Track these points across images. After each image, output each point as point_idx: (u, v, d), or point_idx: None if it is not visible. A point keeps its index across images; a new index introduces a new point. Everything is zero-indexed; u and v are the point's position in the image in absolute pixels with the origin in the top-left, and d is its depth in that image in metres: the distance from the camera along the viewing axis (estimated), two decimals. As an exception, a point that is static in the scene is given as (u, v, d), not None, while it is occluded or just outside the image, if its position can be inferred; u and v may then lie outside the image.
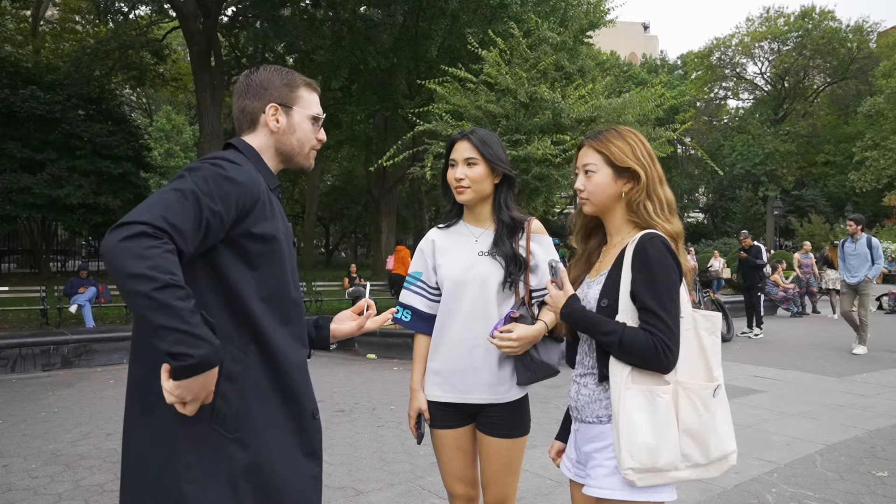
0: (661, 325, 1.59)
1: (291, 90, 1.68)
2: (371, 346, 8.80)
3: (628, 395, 1.60)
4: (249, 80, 1.68)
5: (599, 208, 1.81)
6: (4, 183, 15.20)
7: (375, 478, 4.04)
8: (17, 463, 4.35)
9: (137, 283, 1.20)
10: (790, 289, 14.33)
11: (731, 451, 1.69)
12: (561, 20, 14.70)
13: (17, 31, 22.37)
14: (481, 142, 2.15)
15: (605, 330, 1.64)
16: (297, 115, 1.68)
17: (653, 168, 1.77)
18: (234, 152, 1.59)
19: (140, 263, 1.21)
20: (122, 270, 1.22)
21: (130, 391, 1.48)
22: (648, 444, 1.57)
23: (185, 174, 1.40)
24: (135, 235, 1.23)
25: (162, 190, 1.36)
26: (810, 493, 3.78)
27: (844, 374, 7.53)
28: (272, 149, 1.66)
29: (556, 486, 3.86)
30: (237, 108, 1.68)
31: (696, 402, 1.62)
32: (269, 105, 1.64)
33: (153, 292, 1.20)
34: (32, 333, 9.00)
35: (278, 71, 1.70)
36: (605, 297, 1.71)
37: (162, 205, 1.30)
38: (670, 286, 1.63)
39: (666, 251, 1.65)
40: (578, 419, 1.80)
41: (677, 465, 1.60)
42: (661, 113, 10.58)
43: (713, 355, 1.69)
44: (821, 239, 24.41)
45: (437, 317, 2.20)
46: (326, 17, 16.39)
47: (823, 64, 36.24)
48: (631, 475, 1.58)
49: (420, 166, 9.85)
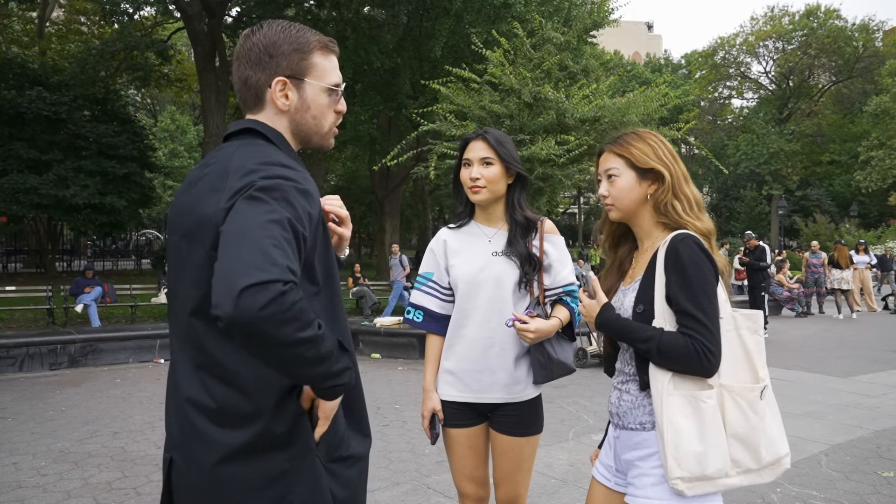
0: (700, 327, 1.53)
1: (303, 56, 1.37)
2: (375, 345, 8.83)
3: (671, 401, 1.54)
4: (251, 42, 1.37)
5: (626, 213, 1.75)
6: (11, 183, 15.26)
7: (381, 476, 4.06)
8: (26, 461, 4.38)
9: (291, 351, 1.10)
10: (795, 289, 14.29)
11: (785, 455, 1.62)
12: (565, 20, 14.68)
13: (24, 32, 22.46)
14: (497, 142, 2.15)
15: (643, 337, 1.59)
16: (310, 89, 1.38)
17: (676, 167, 1.72)
18: (269, 147, 1.33)
19: (288, 329, 1.07)
20: (274, 341, 1.08)
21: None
22: (696, 452, 1.51)
23: (265, 198, 1.17)
24: (273, 300, 1.05)
25: (260, 223, 1.13)
26: (815, 493, 3.78)
27: (849, 374, 7.52)
28: (287, 131, 1.40)
29: (561, 484, 3.88)
30: (238, 79, 1.39)
31: (743, 405, 1.56)
32: (275, 80, 1.35)
33: (308, 354, 1.12)
34: (39, 333, 9.05)
35: (286, 30, 1.37)
36: (641, 302, 1.66)
37: (273, 245, 1.10)
38: (706, 286, 1.56)
39: (699, 250, 1.59)
40: (620, 426, 1.73)
41: (727, 471, 1.54)
42: (664, 113, 10.60)
43: (757, 355, 1.62)
44: (826, 239, 24.31)
45: (452, 317, 2.20)
46: (330, 18, 16.40)
47: (828, 63, 36.17)
48: (680, 485, 1.52)
49: (424, 166, 9.88)
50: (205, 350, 1.27)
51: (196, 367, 1.28)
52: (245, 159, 1.27)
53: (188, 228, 1.29)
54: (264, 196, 1.17)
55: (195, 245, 1.27)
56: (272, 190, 1.18)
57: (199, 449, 1.26)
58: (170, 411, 1.36)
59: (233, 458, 1.24)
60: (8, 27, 21.14)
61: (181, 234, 1.31)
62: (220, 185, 1.24)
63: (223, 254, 1.11)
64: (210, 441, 1.24)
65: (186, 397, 1.28)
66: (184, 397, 1.29)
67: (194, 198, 1.30)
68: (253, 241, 1.10)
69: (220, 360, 1.26)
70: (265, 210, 1.15)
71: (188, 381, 1.29)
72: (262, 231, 1.11)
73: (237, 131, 1.38)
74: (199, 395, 1.26)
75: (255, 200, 1.16)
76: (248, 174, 1.22)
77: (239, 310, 1.04)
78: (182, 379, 1.30)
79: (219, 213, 1.21)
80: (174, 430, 1.33)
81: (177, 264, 1.34)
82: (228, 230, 1.14)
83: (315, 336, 1.12)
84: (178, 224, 1.34)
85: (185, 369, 1.30)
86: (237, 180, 1.22)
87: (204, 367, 1.27)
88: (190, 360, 1.29)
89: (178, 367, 1.33)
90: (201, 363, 1.28)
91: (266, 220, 1.13)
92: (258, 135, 1.36)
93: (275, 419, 1.25)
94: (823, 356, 8.82)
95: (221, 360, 1.25)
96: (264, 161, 1.25)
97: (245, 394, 1.24)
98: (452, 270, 2.21)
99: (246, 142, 1.34)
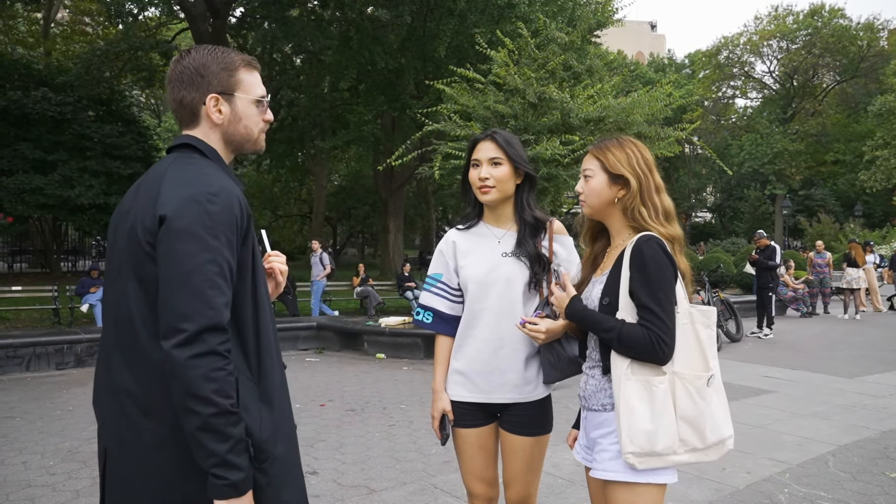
0: (656, 320, 1.70)
1: (230, 74, 1.51)
2: (380, 346, 8.84)
3: (628, 385, 1.72)
4: (182, 66, 1.51)
5: (596, 211, 1.93)
6: (17, 184, 15.31)
7: (388, 476, 4.07)
8: (35, 460, 4.40)
9: (198, 404, 1.25)
10: (800, 289, 14.26)
11: (728, 436, 1.78)
12: (569, 20, 14.68)
13: (29, 33, 22.53)
14: (506, 142, 2.16)
15: (605, 327, 1.76)
16: (240, 102, 1.52)
17: (649, 177, 1.87)
18: (202, 161, 1.47)
19: (206, 386, 1.25)
20: (187, 389, 1.25)
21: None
22: (647, 431, 1.69)
23: (199, 231, 1.31)
24: (203, 354, 1.26)
25: (198, 262, 1.30)
26: (823, 494, 3.78)
27: (856, 374, 7.50)
28: (221, 142, 1.54)
29: (568, 484, 3.88)
30: (174, 100, 1.52)
31: (692, 391, 1.73)
32: (209, 96, 1.49)
33: (211, 418, 1.25)
34: (46, 332, 9.08)
35: (212, 52, 1.52)
36: (607, 295, 1.82)
37: (208, 284, 1.28)
38: (665, 284, 1.74)
39: (661, 251, 1.76)
40: (586, 407, 1.92)
41: (675, 449, 1.71)
42: (669, 112, 10.57)
43: (709, 347, 1.79)
44: (830, 239, 24.25)
45: (462, 318, 2.21)
46: (334, 18, 16.43)
47: (833, 62, 36.03)
48: (631, 459, 1.70)
49: (428, 167, 9.89)
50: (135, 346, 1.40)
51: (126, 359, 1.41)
52: (179, 173, 1.41)
53: (129, 226, 1.41)
54: (199, 230, 1.31)
55: (133, 237, 1.39)
56: (202, 218, 1.32)
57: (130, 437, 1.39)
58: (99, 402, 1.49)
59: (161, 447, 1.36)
60: (13, 28, 21.22)
61: (127, 229, 1.42)
62: (155, 191, 1.39)
63: (165, 291, 1.30)
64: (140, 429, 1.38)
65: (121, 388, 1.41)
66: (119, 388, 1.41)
67: (136, 202, 1.45)
68: (189, 276, 1.28)
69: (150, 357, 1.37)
70: (199, 247, 1.30)
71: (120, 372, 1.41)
72: (198, 269, 1.29)
73: (177, 145, 1.52)
74: (129, 385, 1.39)
75: (192, 237, 1.30)
76: (182, 197, 1.35)
77: (173, 353, 1.26)
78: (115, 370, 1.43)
79: (149, 219, 1.36)
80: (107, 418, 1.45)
81: (116, 262, 1.46)
82: (168, 270, 1.30)
83: (220, 405, 1.25)
84: (122, 222, 1.47)
85: (119, 363, 1.41)
86: (170, 193, 1.36)
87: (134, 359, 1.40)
88: (122, 355, 1.41)
89: (112, 362, 1.43)
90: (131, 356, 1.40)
91: (205, 260, 1.30)
92: (193, 149, 1.50)
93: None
94: (829, 356, 8.80)
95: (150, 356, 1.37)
96: (202, 188, 1.36)
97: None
98: (462, 271, 2.21)
99: (183, 155, 1.49)
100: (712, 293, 10.45)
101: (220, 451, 1.26)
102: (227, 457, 1.26)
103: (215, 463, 1.26)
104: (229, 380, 1.28)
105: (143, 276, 1.36)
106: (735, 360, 8.41)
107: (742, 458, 4.35)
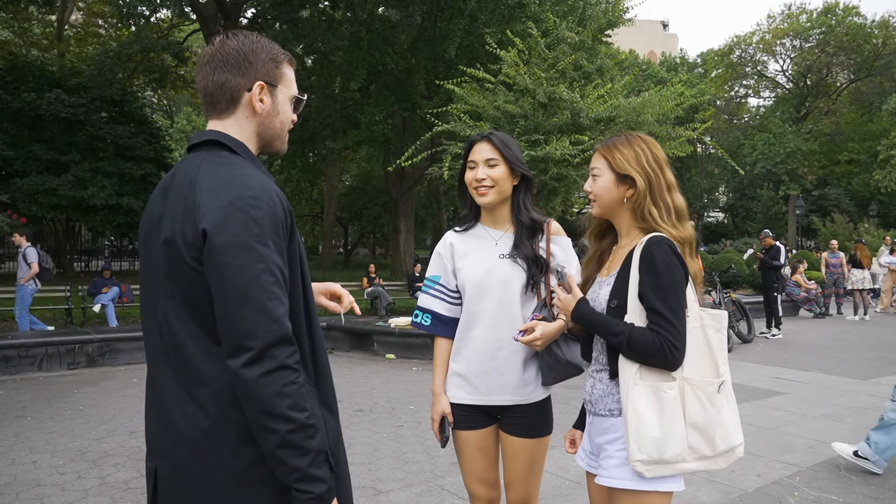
0: (666, 324, 1.65)
1: (277, 65, 1.46)
2: (390, 346, 8.84)
3: (636, 391, 1.68)
4: (229, 48, 1.41)
5: (605, 210, 1.89)
6: (31, 185, 15.47)
7: (395, 477, 4.07)
8: (45, 459, 4.44)
9: (275, 422, 1.22)
10: (812, 289, 14.12)
11: (738, 444, 1.74)
12: (579, 19, 14.62)
13: (43, 35, 22.74)
14: (502, 143, 2.16)
15: (615, 331, 1.71)
16: (281, 96, 1.47)
17: (659, 175, 1.81)
18: (234, 158, 1.38)
19: (281, 403, 1.22)
20: (262, 408, 1.22)
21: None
22: (656, 438, 1.65)
23: (248, 241, 1.25)
24: (274, 370, 1.22)
25: (252, 275, 1.24)
26: (834, 497, 3.74)
27: (868, 376, 7.42)
28: (254, 135, 1.46)
29: (575, 486, 3.86)
30: (211, 82, 1.41)
31: (702, 398, 1.69)
32: (256, 83, 1.41)
33: (289, 434, 1.22)
34: (58, 332, 9.16)
35: (260, 41, 1.45)
36: (615, 297, 1.78)
37: (267, 297, 1.24)
38: (675, 287, 1.69)
39: (671, 254, 1.71)
40: (592, 412, 1.88)
41: (684, 457, 1.67)
42: (680, 112, 10.51)
43: (720, 352, 1.74)
44: (844, 238, 23.98)
45: (461, 320, 2.21)
46: (345, 19, 16.47)
47: (847, 60, 35.59)
48: (639, 466, 1.66)
49: (438, 167, 9.88)
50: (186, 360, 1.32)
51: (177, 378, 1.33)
52: (213, 177, 1.32)
53: (166, 237, 1.32)
54: (249, 239, 1.24)
55: (174, 251, 1.30)
56: (251, 224, 1.25)
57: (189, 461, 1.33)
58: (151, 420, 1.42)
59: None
60: (28, 30, 21.42)
61: (163, 240, 1.33)
62: (190, 198, 1.29)
63: (223, 309, 1.24)
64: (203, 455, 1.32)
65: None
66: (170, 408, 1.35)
67: (167, 207, 1.35)
68: (249, 288, 1.23)
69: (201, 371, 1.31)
70: (252, 256, 1.24)
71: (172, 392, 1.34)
72: (256, 279, 1.23)
73: (201, 142, 1.41)
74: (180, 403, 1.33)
75: (245, 248, 1.24)
76: (222, 205, 1.27)
77: (243, 373, 1.21)
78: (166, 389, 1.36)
79: (190, 233, 1.27)
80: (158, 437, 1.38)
81: (151, 273, 1.38)
82: (222, 286, 1.24)
83: (297, 420, 1.22)
84: (155, 230, 1.37)
85: (168, 379, 1.34)
86: (208, 202, 1.27)
87: (185, 377, 1.32)
88: (172, 370, 1.34)
89: (160, 376, 1.37)
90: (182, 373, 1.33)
91: (260, 270, 1.24)
92: (221, 146, 1.40)
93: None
94: (841, 358, 8.71)
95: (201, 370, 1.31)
96: (245, 190, 1.29)
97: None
98: (460, 273, 2.21)
99: (211, 154, 1.38)
100: (724, 293, 10.37)
101: (302, 466, 1.24)
102: (308, 470, 1.24)
103: (298, 478, 1.24)
104: (302, 392, 1.25)
105: (188, 290, 1.29)
106: (746, 361, 8.34)
107: (752, 461, 4.31)
